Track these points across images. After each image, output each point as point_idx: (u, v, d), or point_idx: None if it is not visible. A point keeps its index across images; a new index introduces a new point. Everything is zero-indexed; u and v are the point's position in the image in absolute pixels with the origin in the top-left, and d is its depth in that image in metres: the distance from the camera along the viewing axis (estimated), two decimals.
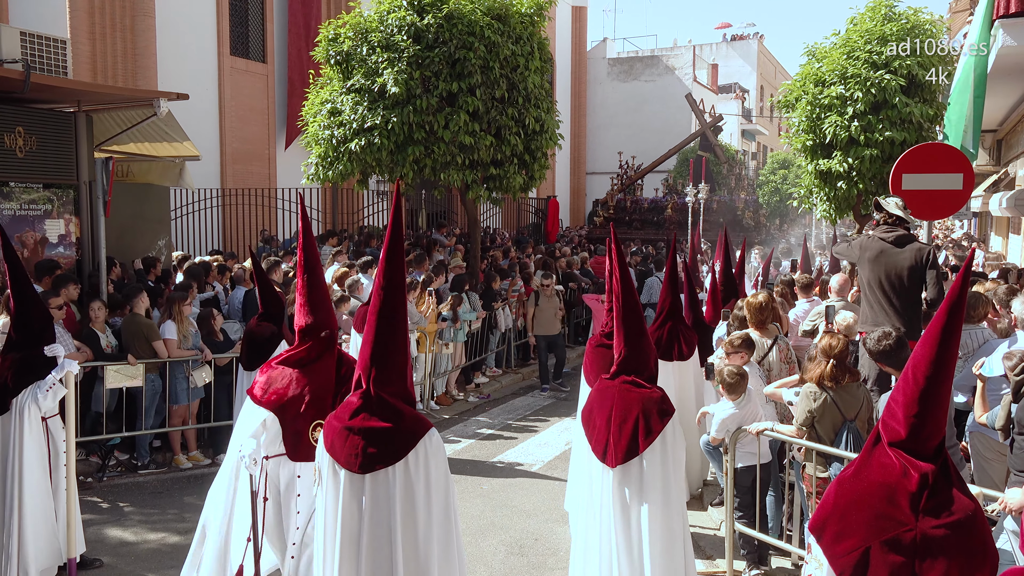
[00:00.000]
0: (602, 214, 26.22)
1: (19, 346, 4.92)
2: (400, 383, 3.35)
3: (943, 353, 2.45)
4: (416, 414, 3.40)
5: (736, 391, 5.47)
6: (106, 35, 14.04)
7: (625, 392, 4.29)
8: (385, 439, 3.26)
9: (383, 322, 3.31)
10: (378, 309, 3.32)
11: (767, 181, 31.70)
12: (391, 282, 3.32)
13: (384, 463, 3.23)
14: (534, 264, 14.32)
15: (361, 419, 3.29)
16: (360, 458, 3.24)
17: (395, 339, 3.32)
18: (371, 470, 3.23)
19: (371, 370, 3.32)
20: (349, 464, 3.25)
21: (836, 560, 2.54)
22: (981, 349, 5.51)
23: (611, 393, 4.37)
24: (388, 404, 3.30)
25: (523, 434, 9.20)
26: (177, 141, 11.07)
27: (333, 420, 3.40)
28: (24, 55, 7.83)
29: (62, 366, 4.86)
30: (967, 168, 7.53)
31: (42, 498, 4.93)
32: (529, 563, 5.81)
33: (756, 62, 43.62)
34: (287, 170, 17.89)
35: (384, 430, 3.26)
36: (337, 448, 3.30)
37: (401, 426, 3.28)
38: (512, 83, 11.72)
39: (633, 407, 4.23)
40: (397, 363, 3.34)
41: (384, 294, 3.32)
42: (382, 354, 3.31)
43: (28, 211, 8.37)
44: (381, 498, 3.25)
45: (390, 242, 3.34)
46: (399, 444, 3.26)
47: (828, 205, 12.92)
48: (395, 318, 3.32)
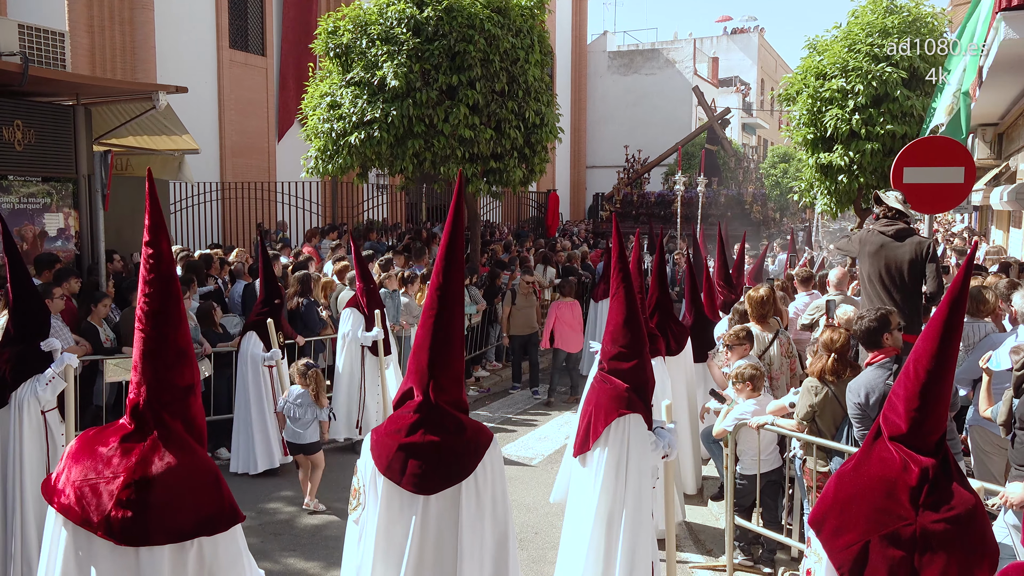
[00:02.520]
0: (609, 208, 26.17)
1: (17, 340, 4.90)
2: (457, 390, 3.09)
3: (945, 347, 2.44)
4: (477, 424, 3.16)
5: (757, 387, 5.48)
6: (104, 28, 13.99)
7: (597, 383, 4.30)
8: (451, 454, 3.01)
9: (440, 325, 3.05)
10: (435, 311, 3.06)
11: (768, 175, 31.66)
12: (448, 282, 3.08)
13: (453, 480, 2.99)
14: (533, 258, 14.30)
15: (420, 434, 3.01)
16: (427, 478, 2.97)
17: (452, 342, 3.05)
18: (440, 489, 2.98)
19: (429, 379, 3.04)
20: (414, 485, 2.97)
21: (835, 554, 2.54)
22: (982, 343, 5.50)
23: (593, 385, 4.42)
24: (449, 415, 3.05)
25: (523, 428, 9.20)
26: (176, 134, 11.04)
27: (386, 438, 3.08)
28: (22, 48, 7.80)
29: (61, 360, 4.84)
30: (968, 162, 7.50)
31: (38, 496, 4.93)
32: (529, 557, 5.82)
33: (757, 55, 43.52)
34: (286, 163, 17.86)
35: (449, 445, 3.01)
36: (395, 469, 3.00)
37: (465, 438, 3.05)
38: (512, 76, 11.68)
39: (594, 400, 4.23)
40: (454, 368, 3.08)
41: (440, 294, 3.07)
42: (441, 360, 3.05)
43: (27, 205, 8.36)
44: (448, 519, 3.00)
45: (449, 240, 3.09)
46: (467, 459, 3.02)
47: (829, 199, 12.90)
48: (453, 320, 3.07)
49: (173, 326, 2.55)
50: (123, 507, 2.37)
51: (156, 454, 2.46)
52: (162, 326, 2.53)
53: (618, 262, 4.26)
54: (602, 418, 4.12)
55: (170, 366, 2.52)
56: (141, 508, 2.38)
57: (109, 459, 2.47)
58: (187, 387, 2.57)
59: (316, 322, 8.97)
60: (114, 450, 2.48)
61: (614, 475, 4.11)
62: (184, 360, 2.56)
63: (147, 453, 2.45)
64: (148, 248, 2.55)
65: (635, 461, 4.12)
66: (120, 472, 2.42)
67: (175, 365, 2.53)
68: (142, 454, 2.45)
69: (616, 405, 4.11)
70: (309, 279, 9.11)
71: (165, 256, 2.56)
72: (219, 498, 2.50)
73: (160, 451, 2.46)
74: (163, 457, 2.45)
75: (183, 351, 2.56)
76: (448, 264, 3.08)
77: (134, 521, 2.37)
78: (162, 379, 2.51)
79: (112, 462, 2.46)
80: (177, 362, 2.54)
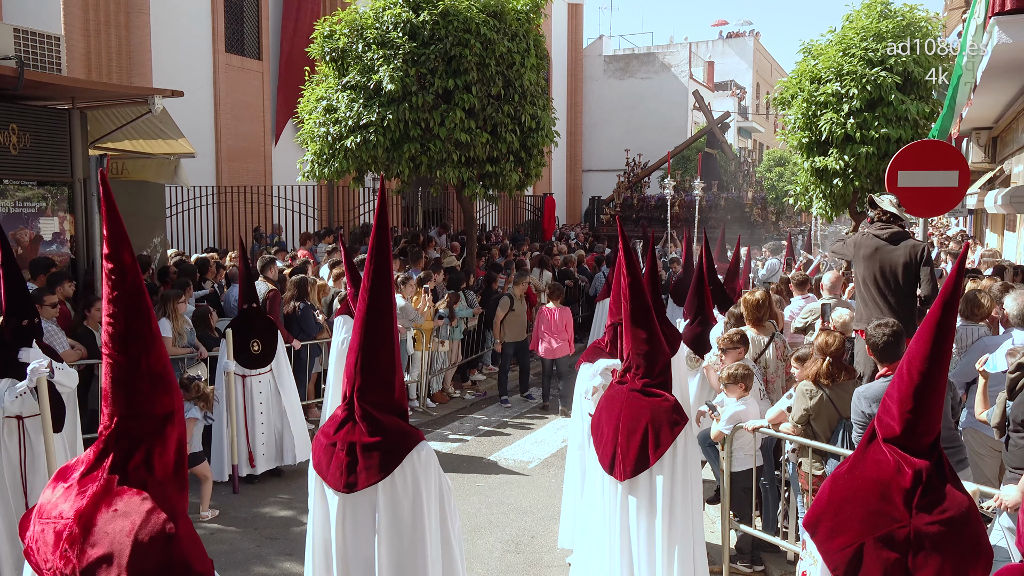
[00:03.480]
0: (609, 211, 26.19)
1: (7, 345, 4.91)
2: (384, 393, 3.09)
3: (938, 349, 2.45)
4: (403, 427, 3.13)
5: (747, 387, 5.49)
6: (100, 32, 13.97)
7: (634, 400, 4.08)
8: (368, 455, 3.04)
9: (368, 327, 3.05)
10: (364, 313, 3.07)
11: (763, 178, 31.71)
12: (377, 284, 3.06)
13: (370, 480, 3.02)
14: (530, 262, 14.32)
15: (343, 433, 3.08)
16: (345, 476, 3.04)
17: (380, 345, 3.05)
18: (356, 488, 3.02)
19: (355, 379, 3.08)
20: (334, 482, 3.06)
21: (830, 556, 2.54)
22: (975, 346, 5.52)
23: (619, 401, 4.15)
24: (371, 416, 3.07)
25: (519, 431, 9.19)
26: (172, 138, 11.02)
27: (320, 435, 3.18)
28: (17, 52, 7.78)
29: (31, 376, 4.79)
30: (963, 165, 7.54)
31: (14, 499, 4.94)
32: (525, 560, 5.81)
33: (752, 59, 43.63)
34: (282, 167, 17.85)
35: (367, 444, 3.04)
36: (323, 466, 3.10)
37: (387, 440, 3.05)
38: (508, 80, 11.70)
39: (642, 417, 4.01)
40: (382, 371, 3.07)
41: (370, 296, 3.06)
42: (366, 362, 3.06)
43: (22, 209, 8.34)
44: (364, 518, 3.04)
45: (376, 241, 3.06)
46: (385, 460, 3.03)
47: (824, 202, 12.93)
48: (381, 323, 3.05)
49: (145, 348, 2.21)
50: (63, 556, 2.14)
51: (106, 500, 2.16)
52: (132, 348, 2.20)
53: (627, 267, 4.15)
54: (666, 432, 3.98)
55: (145, 394, 2.22)
56: (79, 560, 2.11)
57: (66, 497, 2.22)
58: (166, 416, 2.25)
59: (313, 326, 8.96)
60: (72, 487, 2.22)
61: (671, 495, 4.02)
62: (161, 386, 2.24)
63: (98, 497, 2.17)
64: (108, 262, 2.24)
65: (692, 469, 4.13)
66: (69, 515, 2.16)
67: (151, 393, 2.22)
68: (93, 498, 2.17)
69: (677, 417, 4.04)
70: (306, 283, 9.10)
71: (128, 268, 2.25)
72: (167, 558, 2.11)
73: (111, 497, 2.16)
74: (111, 504, 2.15)
75: (159, 376, 2.24)
76: (376, 267, 3.06)
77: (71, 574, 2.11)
78: (137, 410, 2.20)
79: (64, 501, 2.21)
80: (154, 390, 2.23)
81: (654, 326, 4.11)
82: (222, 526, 6.34)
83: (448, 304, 10.22)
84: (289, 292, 8.94)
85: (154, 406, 2.23)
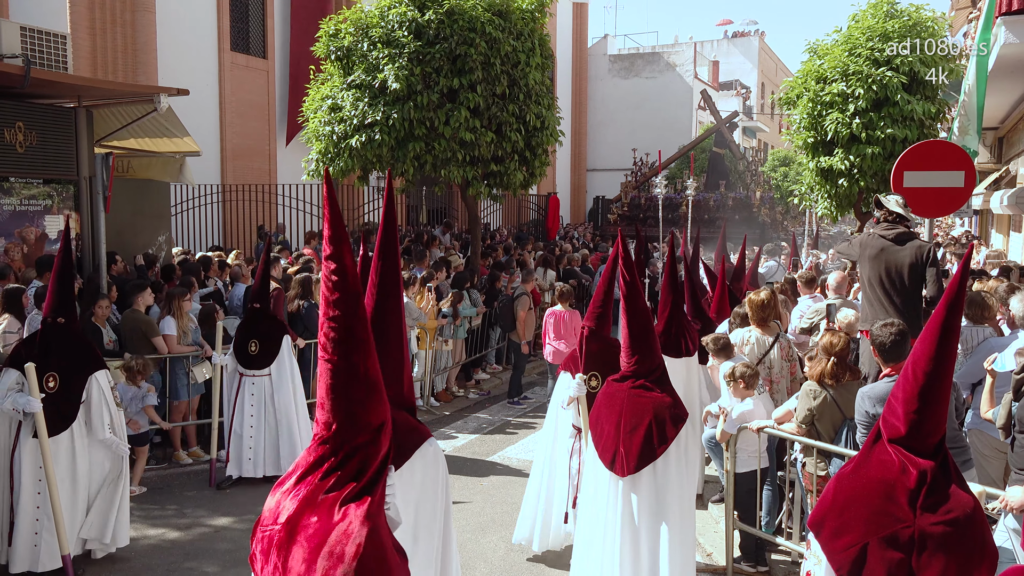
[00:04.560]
0: (616, 211, 26.17)
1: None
2: (394, 386, 2.96)
3: (943, 349, 2.44)
4: (411, 422, 3.06)
5: (751, 384, 5.49)
6: (106, 30, 14.02)
7: (635, 397, 4.12)
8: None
9: (376, 319, 2.95)
10: (372, 307, 2.97)
11: (768, 178, 31.65)
12: (387, 269, 2.99)
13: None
14: (534, 261, 14.32)
15: None
16: None
17: (388, 339, 2.97)
18: None
19: None
20: None
21: (834, 556, 2.54)
22: (980, 347, 5.50)
23: (620, 398, 4.19)
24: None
25: (523, 430, 9.19)
26: (177, 137, 11.05)
27: None
28: (24, 50, 7.81)
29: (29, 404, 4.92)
30: (969, 166, 7.51)
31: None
32: (528, 559, 5.81)
33: (757, 59, 43.55)
34: (287, 166, 17.88)
35: None
36: None
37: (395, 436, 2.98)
38: (513, 79, 11.70)
39: (645, 412, 4.06)
40: (390, 365, 2.95)
41: (377, 292, 3.00)
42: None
43: (28, 206, 8.37)
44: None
45: (383, 235, 3.00)
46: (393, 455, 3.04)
47: (829, 203, 12.90)
48: (388, 318, 2.99)
49: (367, 353, 2.20)
50: (270, 562, 2.17)
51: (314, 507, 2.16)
52: (353, 355, 2.18)
53: (625, 273, 4.21)
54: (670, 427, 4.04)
55: (361, 401, 2.20)
56: (283, 566, 2.14)
57: (279, 504, 2.23)
58: (380, 426, 2.26)
59: (317, 324, 8.96)
60: (288, 492, 2.24)
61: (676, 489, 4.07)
62: (376, 394, 2.24)
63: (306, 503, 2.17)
64: (330, 262, 2.22)
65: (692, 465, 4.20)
66: (281, 520, 2.17)
67: (367, 400, 2.21)
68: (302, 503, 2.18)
69: (679, 412, 4.11)
70: (310, 281, 9.12)
71: (350, 271, 2.21)
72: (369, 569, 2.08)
73: (321, 505, 2.15)
74: (321, 511, 2.15)
75: (374, 383, 2.23)
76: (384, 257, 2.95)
77: None
78: (354, 419, 2.18)
79: (278, 508, 2.22)
80: (369, 397, 2.21)
81: (650, 326, 4.20)
82: (226, 524, 6.36)
83: (452, 303, 10.23)
84: (293, 291, 8.96)
85: (370, 414, 2.22)
